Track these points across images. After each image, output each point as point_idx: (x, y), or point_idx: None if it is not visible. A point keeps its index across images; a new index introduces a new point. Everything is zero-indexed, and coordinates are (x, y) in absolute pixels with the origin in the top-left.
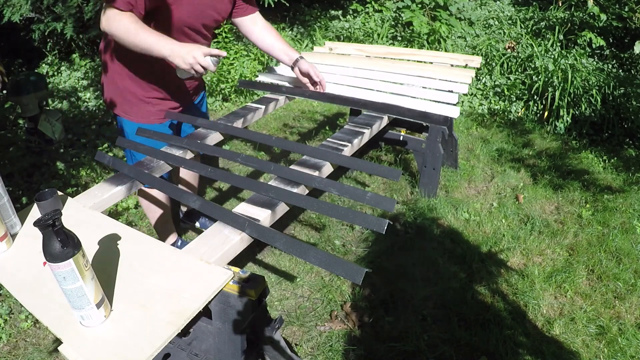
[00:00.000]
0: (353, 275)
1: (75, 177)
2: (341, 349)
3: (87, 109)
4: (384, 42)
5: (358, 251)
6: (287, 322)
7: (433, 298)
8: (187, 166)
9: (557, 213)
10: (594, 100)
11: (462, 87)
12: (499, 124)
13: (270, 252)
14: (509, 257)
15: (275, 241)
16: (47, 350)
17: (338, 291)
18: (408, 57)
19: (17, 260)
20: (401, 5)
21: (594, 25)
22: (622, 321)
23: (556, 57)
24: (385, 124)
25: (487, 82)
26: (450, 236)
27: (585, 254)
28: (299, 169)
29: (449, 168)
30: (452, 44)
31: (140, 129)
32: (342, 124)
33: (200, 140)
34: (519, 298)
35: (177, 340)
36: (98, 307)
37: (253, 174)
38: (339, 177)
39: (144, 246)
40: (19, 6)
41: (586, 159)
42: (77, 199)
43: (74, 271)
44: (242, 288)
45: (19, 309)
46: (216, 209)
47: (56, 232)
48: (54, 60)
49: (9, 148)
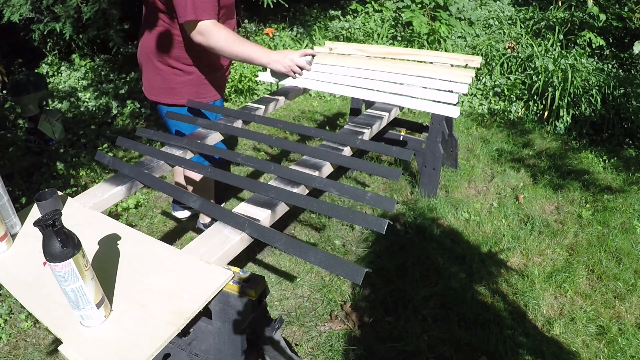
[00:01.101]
0: (353, 275)
1: (75, 177)
2: (341, 349)
3: (87, 109)
4: (384, 42)
5: (358, 251)
6: (287, 322)
7: (433, 298)
8: (187, 166)
9: (557, 213)
10: (594, 100)
11: (462, 87)
12: (499, 124)
13: (270, 252)
14: (509, 257)
15: (275, 241)
16: (47, 350)
17: (338, 291)
18: (408, 57)
19: (17, 260)
20: (401, 5)
21: (594, 25)
22: (622, 321)
23: (556, 57)
24: (385, 124)
25: (487, 82)
26: (450, 236)
27: (585, 254)
28: (299, 169)
29: (449, 168)
30: (452, 44)
31: (169, 112)
32: (342, 124)
33: (200, 140)
34: (519, 298)
35: (177, 340)
36: (98, 307)
37: (253, 174)
38: (339, 177)
39: (144, 246)
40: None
41: (586, 159)
42: (77, 199)
43: (74, 271)
44: (242, 288)
45: (19, 309)
46: (216, 208)
47: (56, 232)
48: (54, 60)
49: (9, 148)
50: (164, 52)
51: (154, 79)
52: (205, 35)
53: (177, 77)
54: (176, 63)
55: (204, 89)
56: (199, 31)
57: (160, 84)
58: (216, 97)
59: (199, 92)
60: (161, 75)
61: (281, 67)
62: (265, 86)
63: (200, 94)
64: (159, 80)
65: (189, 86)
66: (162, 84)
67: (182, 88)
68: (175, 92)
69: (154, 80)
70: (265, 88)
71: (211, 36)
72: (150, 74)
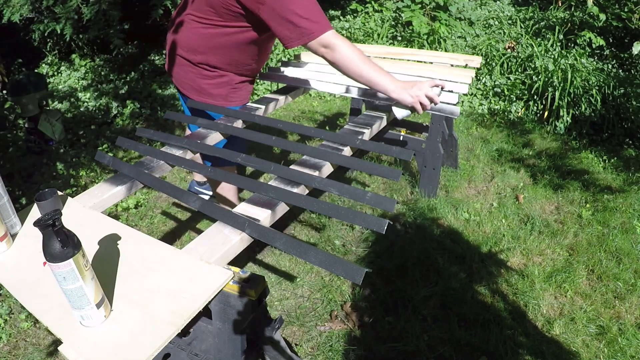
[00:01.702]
0: (353, 275)
1: (75, 177)
2: (341, 349)
3: (86, 109)
4: (383, 42)
5: (358, 251)
6: (287, 322)
7: (433, 298)
8: (187, 166)
9: (557, 213)
10: (594, 100)
11: (462, 87)
12: (499, 124)
13: (270, 252)
14: (509, 257)
15: (275, 241)
16: (47, 350)
17: (338, 291)
18: (408, 57)
19: (17, 260)
20: (401, 5)
21: (594, 25)
22: (622, 321)
23: (556, 57)
24: (385, 124)
25: (487, 82)
26: (450, 236)
27: (585, 254)
28: (299, 169)
29: (449, 168)
30: (452, 44)
31: (169, 113)
32: (342, 124)
33: (200, 141)
34: (519, 298)
35: (177, 340)
36: (98, 307)
37: (253, 174)
38: (339, 177)
39: (144, 246)
40: (18, 6)
41: (586, 159)
42: (77, 199)
43: (74, 271)
44: (242, 288)
45: (19, 309)
46: (216, 209)
47: (56, 232)
48: (54, 60)
49: (9, 148)
50: (205, 52)
51: (185, 75)
52: (332, 52)
53: (208, 79)
54: (214, 64)
55: (234, 93)
56: (322, 43)
57: (190, 82)
58: (243, 101)
59: (229, 96)
60: (193, 74)
61: (407, 97)
62: (265, 86)
63: (230, 97)
64: (191, 77)
65: (220, 88)
66: (193, 82)
67: (213, 89)
68: (204, 92)
69: (185, 76)
70: (265, 88)
71: (337, 53)
72: (182, 69)
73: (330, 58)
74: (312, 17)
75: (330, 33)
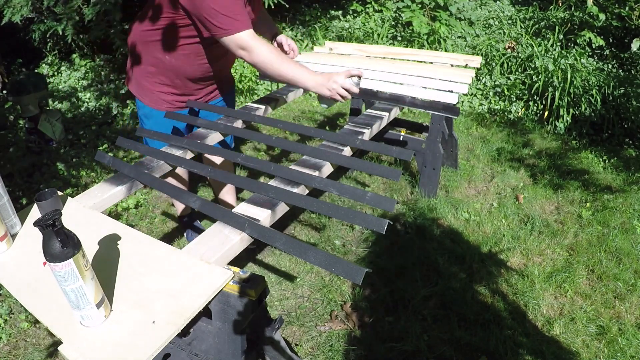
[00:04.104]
0: (353, 275)
1: (75, 177)
2: (341, 349)
3: (87, 110)
4: (384, 42)
5: (358, 251)
6: (287, 322)
7: (433, 298)
8: (187, 166)
9: (557, 213)
10: (594, 100)
11: (462, 87)
12: (499, 124)
13: (270, 252)
14: (509, 257)
15: (275, 241)
16: (47, 350)
17: (338, 291)
18: (408, 57)
19: (17, 260)
20: (401, 5)
21: (594, 25)
22: (622, 321)
23: (556, 57)
24: (385, 124)
25: (487, 82)
26: (450, 236)
27: (585, 254)
28: (299, 169)
29: (449, 168)
30: (452, 44)
31: (169, 113)
32: (342, 124)
33: (200, 141)
34: (519, 298)
35: (177, 340)
36: (98, 307)
37: (253, 174)
38: (339, 177)
39: (144, 246)
40: (19, 7)
41: (586, 159)
42: (77, 199)
43: (74, 271)
44: (242, 288)
45: (19, 309)
46: (216, 209)
47: (56, 232)
48: (54, 60)
49: (9, 148)
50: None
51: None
52: (250, 53)
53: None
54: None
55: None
56: (238, 44)
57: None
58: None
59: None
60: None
61: (326, 91)
62: (265, 86)
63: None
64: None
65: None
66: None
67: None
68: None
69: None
70: (265, 88)
71: (254, 54)
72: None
73: (249, 60)
74: (230, 14)
75: (247, 33)
